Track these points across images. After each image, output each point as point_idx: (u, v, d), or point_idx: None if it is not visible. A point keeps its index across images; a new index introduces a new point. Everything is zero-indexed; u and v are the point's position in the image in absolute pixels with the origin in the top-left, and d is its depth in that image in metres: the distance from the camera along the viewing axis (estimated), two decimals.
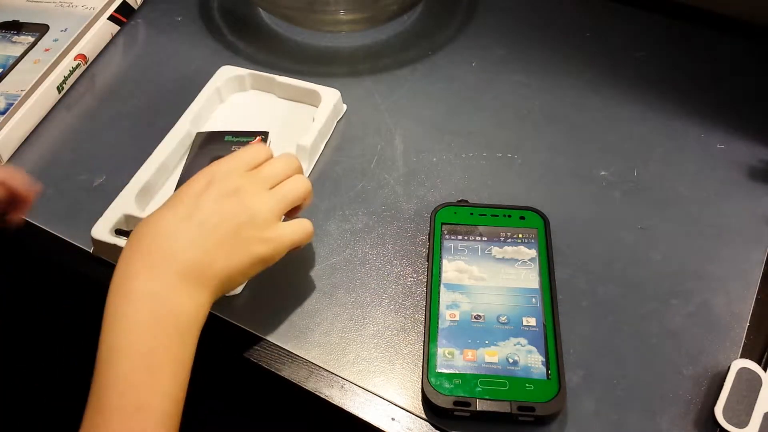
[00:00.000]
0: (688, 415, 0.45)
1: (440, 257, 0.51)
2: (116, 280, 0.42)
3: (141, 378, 0.38)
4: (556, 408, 0.43)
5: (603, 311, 0.50)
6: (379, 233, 0.55)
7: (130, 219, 0.54)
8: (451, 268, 0.50)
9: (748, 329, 0.49)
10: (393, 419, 0.46)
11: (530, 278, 0.50)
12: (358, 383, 0.47)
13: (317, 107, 0.62)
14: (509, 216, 0.53)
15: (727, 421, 0.43)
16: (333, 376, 0.48)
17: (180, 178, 0.59)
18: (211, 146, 0.61)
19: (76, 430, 0.37)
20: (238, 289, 0.52)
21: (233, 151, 0.59)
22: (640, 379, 0.47)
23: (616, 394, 0.46)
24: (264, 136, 0.61)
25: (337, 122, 0.64)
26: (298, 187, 0.48)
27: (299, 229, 0.47)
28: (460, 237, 0.52)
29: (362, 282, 0.52)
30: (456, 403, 0.44)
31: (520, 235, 0.52)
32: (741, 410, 0.44)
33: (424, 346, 0.47)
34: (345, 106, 0.65)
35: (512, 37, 0.71)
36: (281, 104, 0.65)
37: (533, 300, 0.48)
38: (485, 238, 0.52)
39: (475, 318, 0.48)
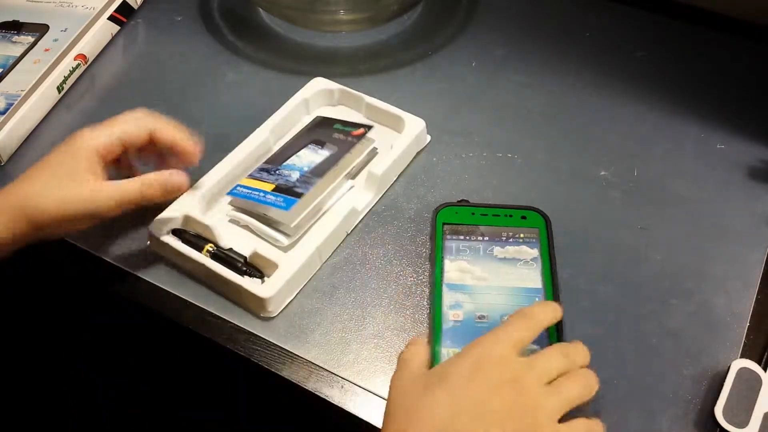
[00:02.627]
0: (688, 415, 0.45)
1: (442, 257, 0.51)
2: None
3: None
4: None
5: (603, 311, 0.50)
6: (379, 233, 0.55)
7: (189, 219, 0.53)
8: (453, 269, 0.50)
9: (748, 329, 0.49)
10: None
11: (532, 278, 0.50)
12: (358, 383, 0.47)
13: (400, 133, 0.60)
14: (510, 216, 0.54)
15: (727, 421, 0.43)
16: (333, 376, 0.48)
17: (275, 153, 0.58)
18: (318, 129, 0.60)
19: None
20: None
21: (335, 138, 0.58)
22: (640, 379, 0.47)
23: (616, 394, 0.46)
24: (367, 128, 0.59)
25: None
26: (587, 387, 0.41)
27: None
28: (461, 237, 0.52)
29: (362, 282, 0.52)
30: None
31: (522, 235, 0.52)
32: (741, 410, 0.44)
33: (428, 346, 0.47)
34: (429, 137, 0.61)
35: (512, 37, 0.71)
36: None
37: (536, 299, 0.48)
38: (487, 238, 0.52)
39: (479, 318, 0.48)
